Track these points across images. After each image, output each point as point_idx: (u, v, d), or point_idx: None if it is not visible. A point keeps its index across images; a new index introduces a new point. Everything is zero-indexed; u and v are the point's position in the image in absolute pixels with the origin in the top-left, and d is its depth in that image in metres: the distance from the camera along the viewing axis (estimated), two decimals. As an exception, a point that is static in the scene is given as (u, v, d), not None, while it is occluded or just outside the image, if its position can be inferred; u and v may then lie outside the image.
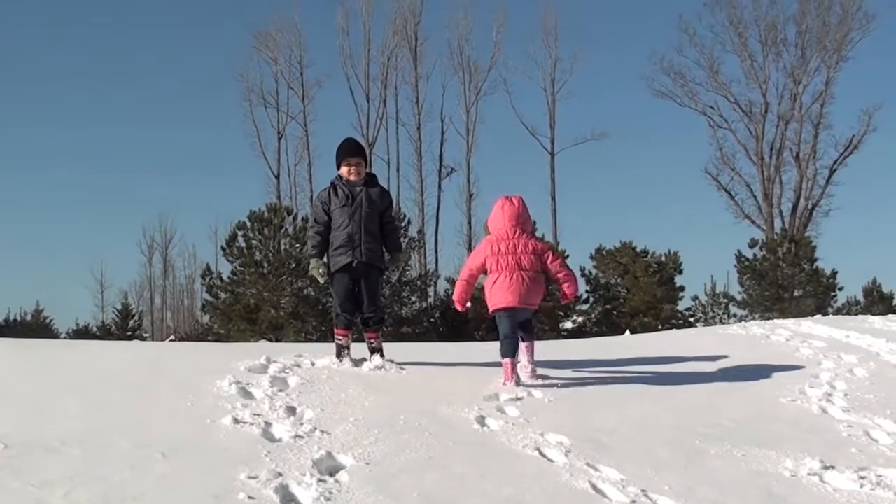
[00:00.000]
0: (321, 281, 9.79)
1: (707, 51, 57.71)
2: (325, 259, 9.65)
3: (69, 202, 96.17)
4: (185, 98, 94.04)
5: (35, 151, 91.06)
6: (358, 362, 9.38)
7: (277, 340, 27.58)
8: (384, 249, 9.87)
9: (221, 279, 32.50)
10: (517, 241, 9.61)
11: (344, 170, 9.72)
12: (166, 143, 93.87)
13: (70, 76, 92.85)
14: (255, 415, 6.98)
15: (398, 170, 60.19)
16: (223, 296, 31.97)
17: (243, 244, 31.55)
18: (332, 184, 9.80)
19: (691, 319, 37.68)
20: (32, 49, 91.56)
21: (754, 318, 33.66)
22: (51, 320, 49.40)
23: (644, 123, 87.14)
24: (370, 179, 9.87)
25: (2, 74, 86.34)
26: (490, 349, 10.70)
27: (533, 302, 9.67)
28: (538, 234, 34.27)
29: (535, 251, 9.66)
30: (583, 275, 37.27)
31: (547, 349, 11.83)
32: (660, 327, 32.86)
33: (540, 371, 9.44)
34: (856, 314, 33.49)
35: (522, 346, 9.56)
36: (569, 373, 9.83)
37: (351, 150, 9.85)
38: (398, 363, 9.35)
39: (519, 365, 9.36)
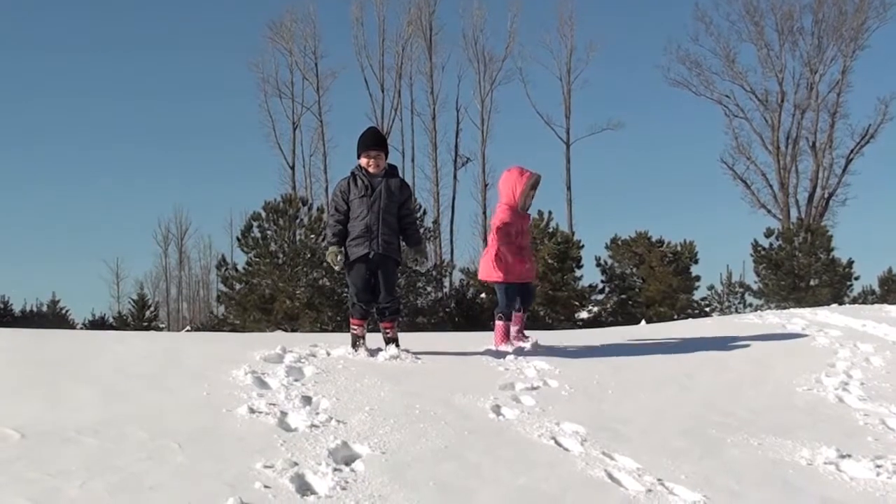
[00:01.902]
0: (337, 268, 9.77)
1: (723, 39, 57.73)
2: (343, 248, 9.63)
3: (84, 194, 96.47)
4: (200, 88, 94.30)
5: (50, 142, 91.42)
6: (373, 352, 9.38)
7: (293, 331, 27.57)
8: (404, 243, 9.88)
9: (237, 270, 32.50)
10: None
11: (363, 160, 9.68)
12: (181, 134, 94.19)
13: (82, 66, 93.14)
14: (270, 404, 6.99)
15: (413, 160, 60.39)
16: (238, 286, 31.96)
17: (258, 235, 31.52)
18: (353, 173, 9.76)
19: (707, 309, 37.56)
20: (54, 37, 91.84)
21: (770, 308, 33.57)
22: (67, 311, 49.50)
23: (660, 113, 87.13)
24: (390, 171, 9.81)
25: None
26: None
27: None
28: (553, 223, 34.49)
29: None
30: (598, 265, 37.21)
31: (562, 339, 11.84)
32: (675, 317, 32.76)
33: (555, 359, 9.51)
34: (872, 303, 33.38)
35: (518, 316, 10.65)
36: (584, 362, 9.82)
37: (371, 142, 9.79)
38: (413, 353, 9.35)
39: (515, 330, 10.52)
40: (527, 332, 10.90)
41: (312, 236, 31.11)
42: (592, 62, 76.21)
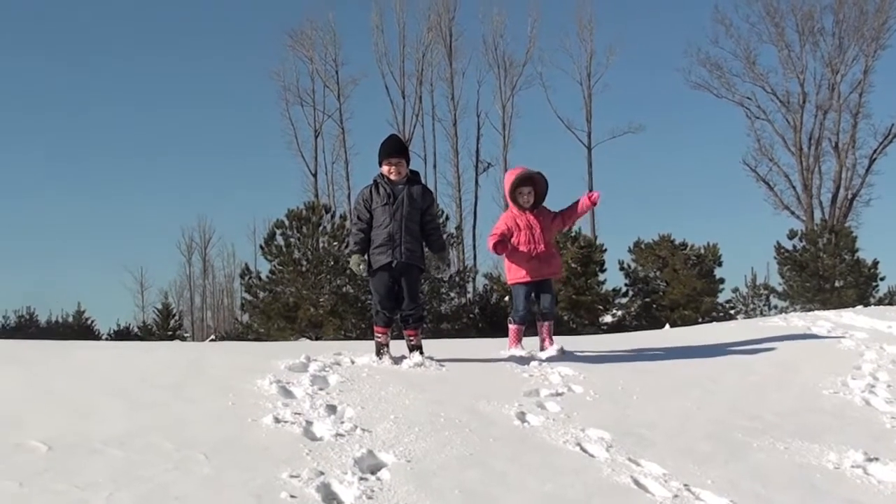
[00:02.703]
0: (362, 275, 9.77)
1: (743, 41, 57.49)
2: (366, 256, 9.63)
3: (108, 203, 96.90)
4: (223, 97, 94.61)
5: (74, 152, 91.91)
6: (398, 360, 9.37)
7: (317, 338, 27.62)
8: (427, 250, 9.88)
9: (260, 278, 32.57)
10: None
11: (385, 168, 9.65)
12: (204, 142, 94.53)
13: (105, 77, 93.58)
14: (295, 414, 6.99)
15: (435, 166, 60.31)
16: (262, 294, 32.03)
17: (282, 243, 31.58)
18: (375, 181, 9.73)
19: (731, 312, 37.48)
20: (77, 47, 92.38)
21: (795, 310, 33.48)
22: (92, 321, 49.68)
23: (681, 115, 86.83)
24: (412, 178, 9.78)
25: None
26: (529, 344, 10.70)
27: None
28: (576, 227, 34.46)
29: None
30: (622, 268, 37.17)
31: (587, 343, 11.84)
32: (700, 320, 32.67)
33: (579, 365, 9.52)
34: (897, 304, 33.29)
35: (541, 326, 10.92)
36: (609, 367, 9.81)
37: (392, 149, 9.75)
38: (438, 360, 9.35)
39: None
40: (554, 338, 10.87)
41: (336, 244, 31.16)
42: (612, 66, 75.55)
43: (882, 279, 37.81)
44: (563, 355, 10.18)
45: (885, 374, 9.81)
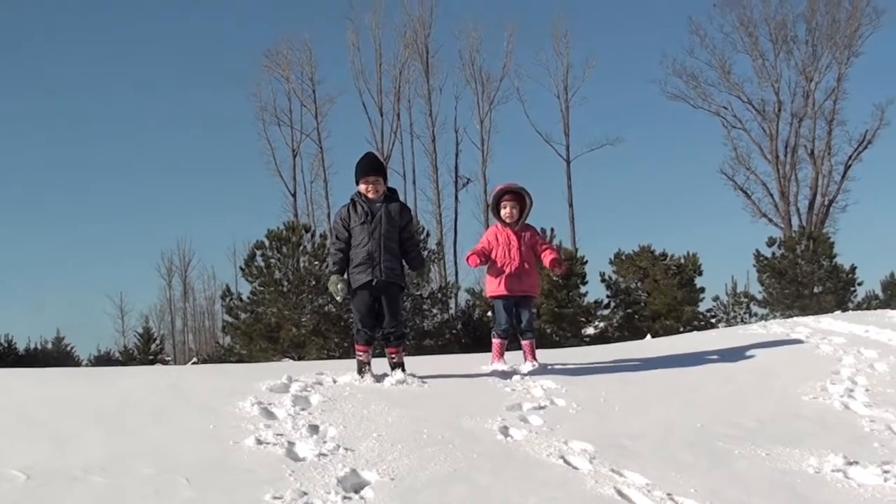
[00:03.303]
0: (339, 298, 9.74)
1: (718, 51, 57.81)
2: (345, 276, 9.63)
3: (86, 228, 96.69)
4: (199, 119, 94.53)
5: (49, 177, 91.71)
6: (380, 378, 9.37)
7: (300, 358, 27.55)
8: (406, 266, 9.87)
9: (241, 299, 32.52)
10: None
11: (362, 187, 9.67)
12: (182, 165, 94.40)
13: (79, 98, 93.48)
14: (277, 435, 6.98)
15: (414, 182, 60.26)
16: (244, 316, 31.97)
17: (262, 263, 31.53)
18: (353, 200, 9.75)
19: (713, 320, 37.57)
20: (50, 71, 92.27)
21: (775, 317, 33.57)
22: (72, 348, 49.58)
23: (658, 126, 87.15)
24: (390, 195, 9.79)
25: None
26: (512, 358, 10.71)
27: None
28: (556, 240, 34.50)
29: None
30: (603, 280, 37.24)
31: (569, 356, 11.86)
32: (681, 329, 32.74)
33: (561, 377, 9.54)
34: (875, 308, 33.43)
35: (524, 343, 10.86)
36: (591, 379, 9.82)
37: (369, 168, 9.77)
38: (420, 377, 9.35)
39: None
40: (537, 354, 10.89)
41: (316, 263, 31.11)
42: (589, 79, 76.02)
43: (860, 284, 38.03)
44: (545, 369, 10.21)
45: (863, 379, 9.86)
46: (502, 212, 10.71)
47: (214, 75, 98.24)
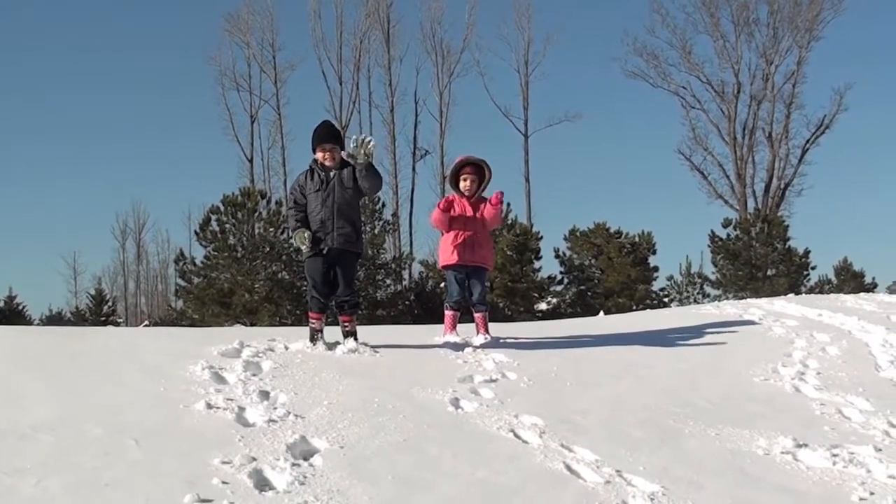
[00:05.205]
0: (304, 248, 9.65)
1: (679, 31, 58.07)
2: (308, 232, 9.55)
3: (42, 189, 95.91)
4: (158, 82, 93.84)
5: (5, 138, 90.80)
6: (332, 346, 9.35)
7: (252, 325, 27.52)
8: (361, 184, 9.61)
9: (195, 264, 32.43)
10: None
11: (319, 154, 9.66)
12: (140, 127, 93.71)
13: (34, 60, 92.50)
14: (228, 399, 6.95)
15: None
16: (197, 280, 31.89)
17: (217, 228, 31.45)
18: (310, 167, 9.76)
19: (665, 300, 37.78)
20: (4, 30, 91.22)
21: (728, 298, 33.81)
22: (24, 307, 49.19)
23: (617, 104, 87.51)
24: (345, 162, 9.76)
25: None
26: (465, 331, 10.72)
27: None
28: (511, 215, 34.53)
29: None
30: (557, 256, 37.35)
31: (521, 330, 11.87)
32: (634, 308, 32.89)
33: (513, 351, 9.53)
34: (828, 293, 33.71)
35: (477, 316, 10.94)
36: (543, 354, 9.83)
37: (325, 135, 9.76)
38: (372, 346, 9.34)
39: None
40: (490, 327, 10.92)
41: (271, 230, 31.09)
42: (550, 55, 76.28)
43: (813, 268, 38.43)
44: (497, 342, 10.22)
45: (814, 362, 9.92)
46: (461, 184, 10.68)
47: (174, 38, 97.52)
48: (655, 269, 37.89)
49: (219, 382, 7.56)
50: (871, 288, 41.32)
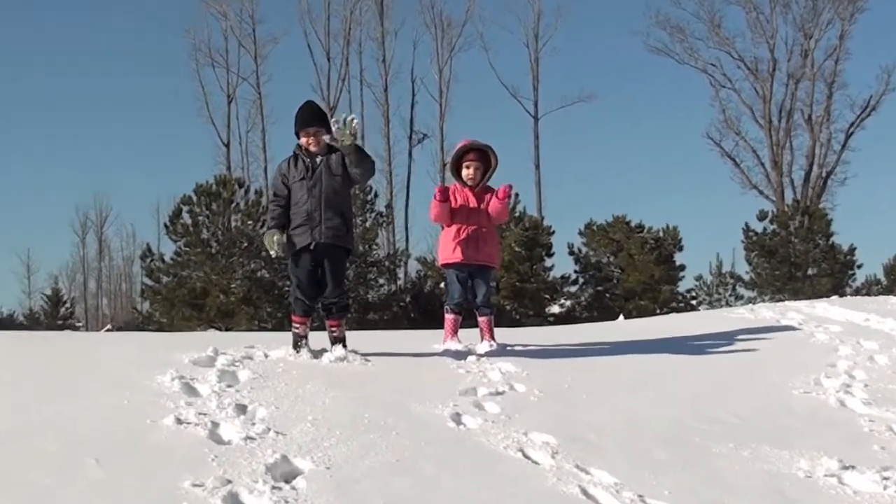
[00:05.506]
0: (274, 254, 9.66)
1: (707, 2, 57.91)
2: (284, 234, 9.52)
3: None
4: (124, 57, 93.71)
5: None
6: (317, 354, 9.35)
7: (227, 329, 27.56)
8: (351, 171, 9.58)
9: (164, 261, 32.47)
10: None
11: (303, 139, 9.62)
12: (102, 109, 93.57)
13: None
14: (200, 414, 6.93)
15: (363, 136, 60.07)
16: (166, 279, 31.94)
17: (189, 221, 31.50)
18: (294, 153, 9.72)
19: (693, 302, 37.81)
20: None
21: (763, 300, 33.76)
22: (-29, 309, 49.33)
23: (638, 84, 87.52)
24: (334, 147, 9.72)
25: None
26: (468, 337, 10.70)
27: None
28: (520, 207, 34.52)
29: None
30: (571, 253, 37.36)
31: (531, 336, 11.86)
32: (658, 311, 32.92)
33: (522, 360, 9.52)
34: (876, 294, 33.67)
35: (481, 320, 10.87)
36: (555, 363, 9.83)
37: (309, 117, 9.70)
38: (363, 354, 9.34)
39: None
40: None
41: (250, 223, 31.10)
42: (562, 28, 76.34)
43: (859, 267, 38.37)
44: (504, 350, 10.21)
45: (861, 373, 9.90)
46: (463, 172, 10.62)
47: (141, 6, 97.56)
48: (682, 267, 37.95)
49: (190, 394, 7.54)
50: (926, 289, 41.36)
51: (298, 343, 9.54)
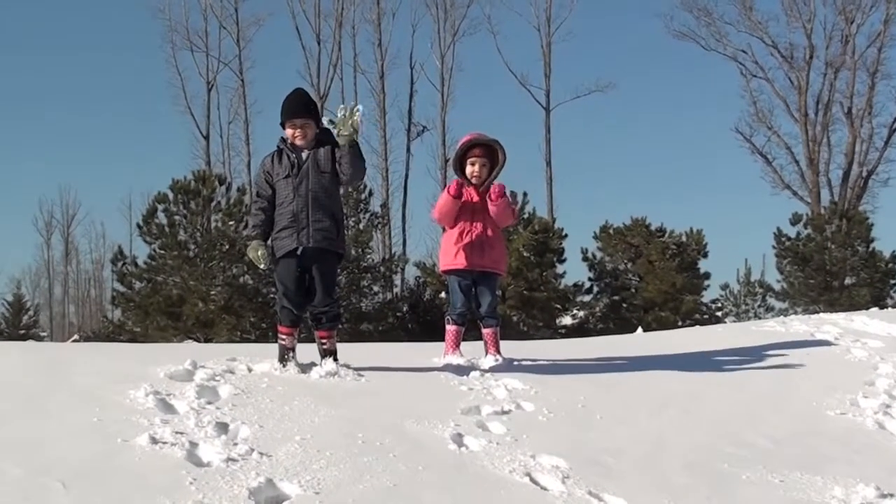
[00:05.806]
0: (261, 267, 9.68)
1: (739, -19, 57.82)
2: (268, 241, 9.53)
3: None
4: (92, 40, 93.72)
5: None
6: (306, 368, 9.34)
7: (207, 340, 27.59)
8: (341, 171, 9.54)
9: (137, 264, 32.49)
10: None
11: (289, 131, 9.56)
12: (69, 97, 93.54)
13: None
14: (177, 433, 6.94)
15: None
16: (139, 285, 31.95)
17: (164, 221, 31.50)
18: (278, 147, 9.66)
19: (719, 314, 37.80)
20: None
21: (796, 312, 33.78)
22: (-75, 317, 49.38)
23: (661, 72, 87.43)
24: (322, 138, 9.63)
25: None
26: (471, 350, 10.72)
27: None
28: (529, 208, 34.53)
29: None
30: (585, 259, 37.35)
31: (540, 350, 11.87)
32: (680, 323, 32.94)
33: (530, 376, 9.53)
34: (922, 307, 33.67)
35: (486, 332, 10.90)
36: (567, 380, 9.85)
37: (296, 107, 9.64)
38: (355, 368, 9.34)
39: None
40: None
41: (231, 223, 31.10)
42: (577, 10, 76.38)
43: (903, 276, 38.21)
44: (510, 365, 10.22)
45: (903, 392, 9.93)
46: (468, 168, 10.60)
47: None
48: (707, 275, 37.95)
49: (166, 412, 7.55)
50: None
51: (285, 356, 9.53)
